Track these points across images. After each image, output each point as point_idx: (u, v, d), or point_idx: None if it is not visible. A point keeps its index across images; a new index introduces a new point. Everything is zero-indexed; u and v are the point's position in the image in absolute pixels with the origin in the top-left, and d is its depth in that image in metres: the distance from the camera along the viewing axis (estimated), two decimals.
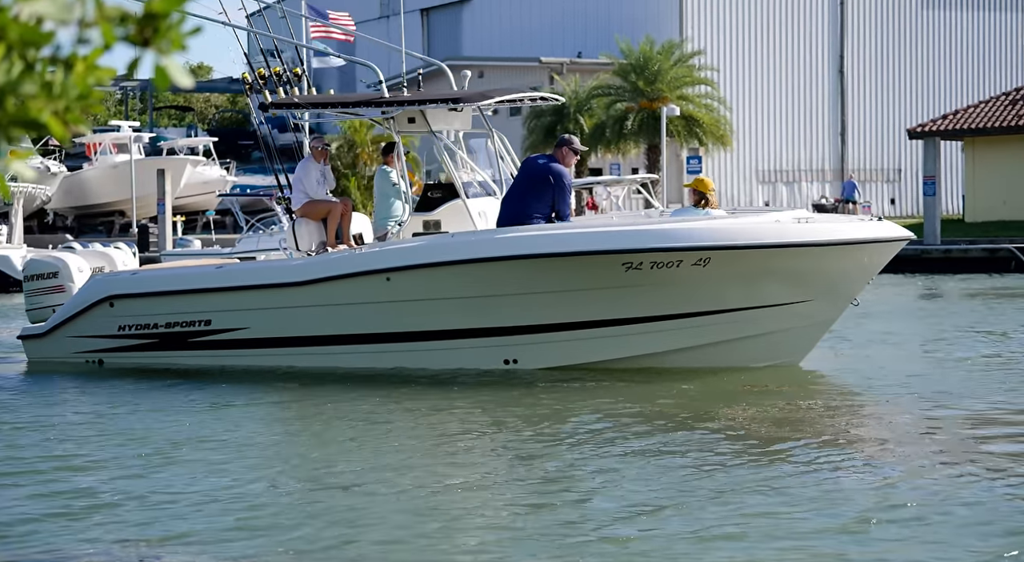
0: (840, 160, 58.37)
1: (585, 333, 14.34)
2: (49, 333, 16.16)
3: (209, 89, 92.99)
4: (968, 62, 60.70)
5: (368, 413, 12.26)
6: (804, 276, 14.17)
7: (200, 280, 15.57)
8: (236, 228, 49.50)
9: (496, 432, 11.17)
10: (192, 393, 13.64)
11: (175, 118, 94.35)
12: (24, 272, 16.98)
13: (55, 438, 11.26)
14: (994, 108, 42.76)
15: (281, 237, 38.58)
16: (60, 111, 2.35)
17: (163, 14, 2.16)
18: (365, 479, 9.25)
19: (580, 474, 9.38)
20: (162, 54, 2.23)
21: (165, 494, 8.89)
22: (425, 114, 15.30)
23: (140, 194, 52.30)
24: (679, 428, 11.10)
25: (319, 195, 15.77)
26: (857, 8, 58.50)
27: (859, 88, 58.71)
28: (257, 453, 10.46)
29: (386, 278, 14.48)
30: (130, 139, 55.50)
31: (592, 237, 13.93)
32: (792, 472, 9.23)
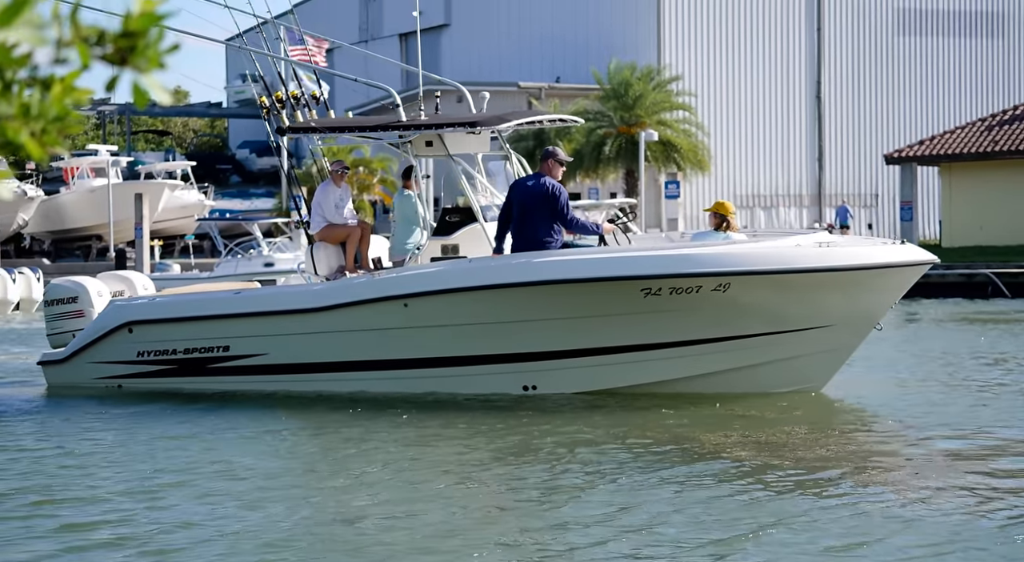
0: (817, 185, 58.61)
1: (604, 359, 14.21)
2: (69, 359, 16.11)
3: (187, 113, 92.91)
4: (944, 88, 61.09)
5: (386, 440, 12.17)
6: (826, 301, 13.99)
7: (218, 306, 15.52)
8: (214, 252, 49.37)
9: (516, 460, 11.03)
10: (210, 420, 13.50)
11: (153, 142, 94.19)
12: (44, 296, 16.97)
13: (73, 466, 11.14)
14: (970, 134, 43.00)
15: (261, 260, 38.54)
16: (37, 132, 2.33)
17: (141, 32, 2.14)
18: (383, 509, 9.16)
19: (600, 503, 9.22)
20: (140, 72, 2.20)
21: (183, 524, 8.74)
22: (443, 138, 15.19)
23: (118, 218, 52.14)
24: (700, 456, 10.96)
25: (337, 219, 15.69)
26: (834, 34, 58.85)
27: (836, 114, 59.00)
28: (274, 482, 10.32)
29: (404, 304, 14.40)
30: (108, 163, 55.37)
31: (611, 263, 13.81)
32: (817, 504, 9.07)
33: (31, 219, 55.62)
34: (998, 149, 41.80)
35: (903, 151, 44.01)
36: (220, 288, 17.21)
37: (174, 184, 56.54)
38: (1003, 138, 41.98)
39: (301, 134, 16.06)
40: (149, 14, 2.14)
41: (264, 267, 36.87)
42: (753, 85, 57.38)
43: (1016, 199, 41.36)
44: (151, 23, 2.15)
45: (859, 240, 15.27)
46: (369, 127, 15.94)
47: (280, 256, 39.17)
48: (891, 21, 59.97)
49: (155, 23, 2.14)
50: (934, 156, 42.99)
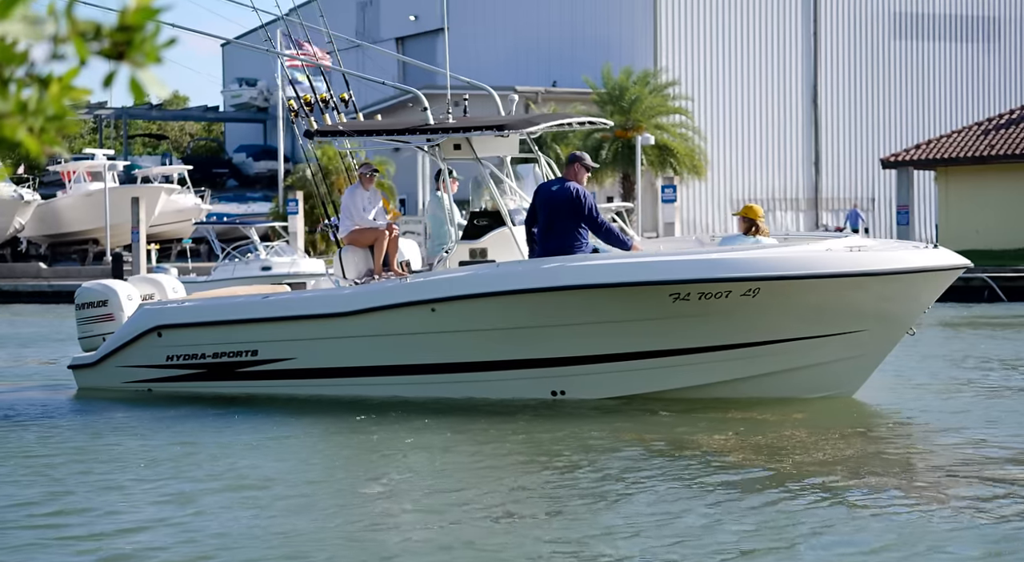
0: (814, 189, 58.65)
1: (633, 364, 14.08)
2: (99, 363, 16.11)
3: (184, 117, 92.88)
4: (940, 92, 61.15)
5: (412, 445, 12.10)
6: (857, 306, 13.78)
7: (246, 310, 15.44)
8: (211, 256, 49.35)
9: (543, 467, 10.92)
10: (237, 426, 13.44)
11: (149, 146, 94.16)
12: (76, 300, 16.98)
13: (98, 471, 11.08)
14: (966, 138, 43.04)
15: (258, 264, 38.51)
16: (36, 129, 2.33)
17: (137, 26, 2.14)
18: (412, 517, 9.11)
19: (634, 512, 9.11)
20: (137, 67, 2.20)
21: (215, 535, 8.65)
22: (471, 141, 15.08)
23: (114, 222, 52.11)
24: (730, 462, 10.83)
25: (366, 222, 15.61)
26: (830, 39, 58.90)
27: (833, 118, 59.05)
28: (303, 488, 10.24)
29: (431, 309, 14.31)
30: (104, 167, 55.31)
31: (639, 267, 13.67)
32: (849, 513, 8.94)
33: (28, 223, 55.59)
34: (994, 153, 41.84)
35: (899, 155, 44.05)
36: (249, 291, 17.07)
37: (171, 188, 56.51)
38: (999, 142, 42.02)
39: (328, 137, 15.94)
40: (145, 8, 2.14)
41: (262, 271, 36.86)
42: (750, 89, 57.41)
43: (1012, 203, 41.40)
44: (147, 18, 2.15)
45: (892, 244, 14.94)
46: (397, 130, 15.73)
47: (277, 260, 39.16)
48: (887, 25, 60.03)
49: (151, 17, 2.14)
50: (930, 160, 43.02)
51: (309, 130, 15.99)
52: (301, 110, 16.17)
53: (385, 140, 16.00)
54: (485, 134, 15.10)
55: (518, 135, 15.49)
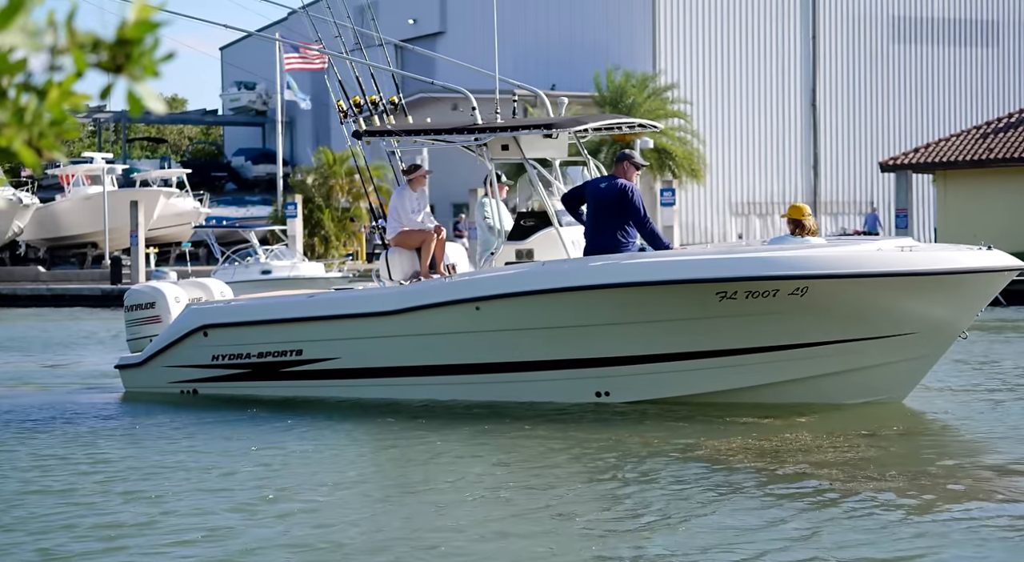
0: (813, 193, 58.65)
1: (679, 365, 13.84)
2: (145, 363, 16.12)
3: (183, 121, 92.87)
4: (939, 96, 61.18)
5: (455, 445, 12.02)
6: (909, 307, 13.44)
7: (291, 309, 15.39)
8: (210, 259, 49.34)
9: (589, 470, 10.81)
10: (284, 428, 13.36)
11: (148, 150, 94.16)
12: (124, 302, 17.06)
13: (144, 474, 11.03)
14: (965, 141, 43.04)
15: (258, 267, 38.49)
16: (33, 138, 2.32)
17: (136, 40, 2.14)
18: (452, 521, 9.05)
19: (673, 518, 9.02)
20: (135, 81, 2.20)
21: (256, 541, 8.57)
22: (518, 141, 14.95)
23: (113, 226, 52.10)
24: (775, 468, 10.68)
25: (413, 224, 15.51)
26: (829, 42, 58.92)
27: (831, 121, 59.06)
28: (347, 493, 10.17)
29: (476, 308, 14.15)
30: (103, 171, 55.30)
31: (686, 265, 13.47)
32: (895, 518, 8.82)
33: (26, 226, 55.55)
34: (993, 157, 41.84)
35: (898, 159, 44.04)
36: (295, 292, 17.01)
37: (169, 192, 56.50)
38: (998, 146, 42.03)
39: (377, 138, 15.80)
40: (144, 22, 2.14)
41: (261, 274, 36.88)
42: (748, 93, 57.43)
43: (1011, 207, 41.40)
44: (146, 31, 2.15)
45: (944, 245, 14.49)
46: (445, 130, 15.60)
47: (277, 263, 39.18)
48: (886, 29, 60.05)
49: (150, 31, 2.14)
50: (929, 164, 43.01)
51: (358, 131, 15.89)
52: (350, 111, 16.05)
53: (432, 140, 15.77)
54: (533, 134, 14.98)
55: (566, 135, 15.37)
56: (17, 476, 11.03)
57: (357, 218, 53.48)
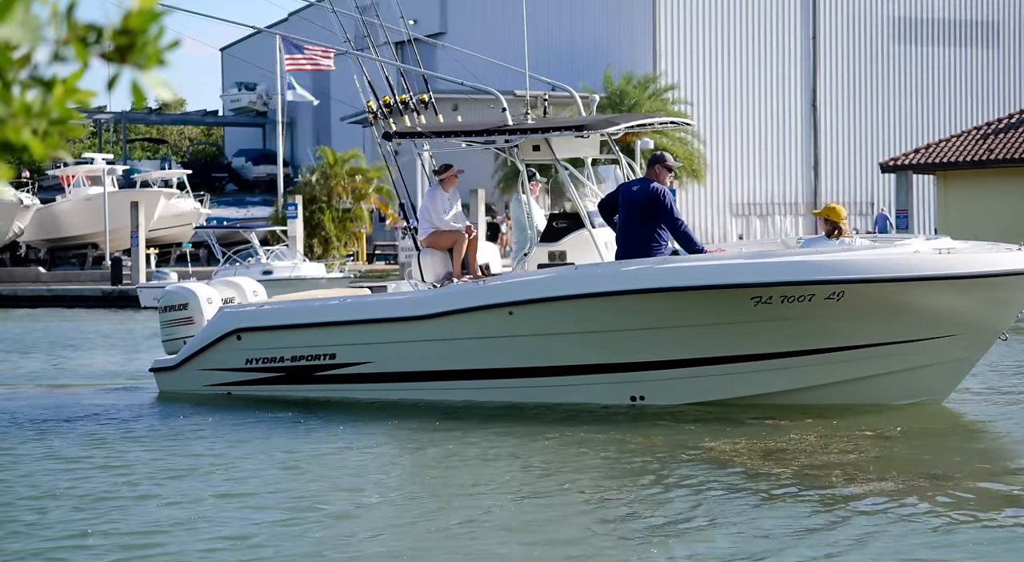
0: (813, 193, 58.62)
1: (714, 369, 13.75)
2: (179, 366, 16.09)
3: (183, 121, 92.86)
4: (940, 97, 61.16)
5: (489, 450, 11.95)
6: (947, 310, 13.31)
7: (324, 313, 15.34)
8: (211, 260, 49.33)
9: (623, 475, 10.74)
10: (315, 431, 13.31)
11: (149, 150, 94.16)
12: (159, 303, 17.05)
13: (173, 477, 11.00)
14: (966, 142, 43.01)
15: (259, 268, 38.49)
16: (40, 131, 2.31)
17: (139, 29, 2.13)
18: (486, 523, 9.05)
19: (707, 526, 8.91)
20: (140, 70, 2.19)
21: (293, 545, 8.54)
22: (550, 142, 14.83)
23: (113, 226, 52.09)
24: (812, 472, 10.57)
25: (445, 225, 15.39)
26: (829, 43, 58.90)
27: (832, 122, 59.04)
28: (381, 495, 10.17)
29: (509, 312, 14.08)
30: (103, 171, 55.29)
31: (720, 270, 13.39)
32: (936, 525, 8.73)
33: (27, 227, 55.54)
34: (994, 157, 41.82)
35: (899, 159, 44.02)
36: (328, 294, 16.95)
37: (170, 192, 56.51)
38: (999, 146, 42.01)
39: (407, 139, 15.70)
40: (148, 12, 2.13)
41: (263, 275, 36.87)
42: (749, 93, 57.42)
43: (1012, 207, 41.38)
44: (150, 20, 2.14)
45: (982, 246, 14.39)
46: (475, 131, 15.51)
47: (278, 264, 39.18)
48: (886, 30, 60.04)
49: (154, 20, 2.13)
50: (930, 164, 42.99)
51: (388, 132, 15.76)
52: (380, 112, 15.94)
53: (463, 141, 15.62)
54: (564, 134, 14.86)
55: (598, 136, 15.26)
56: (53, 478, 11.01)
57: (357, 219, 53.45)
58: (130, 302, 42.11)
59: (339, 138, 67.86)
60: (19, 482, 10.84)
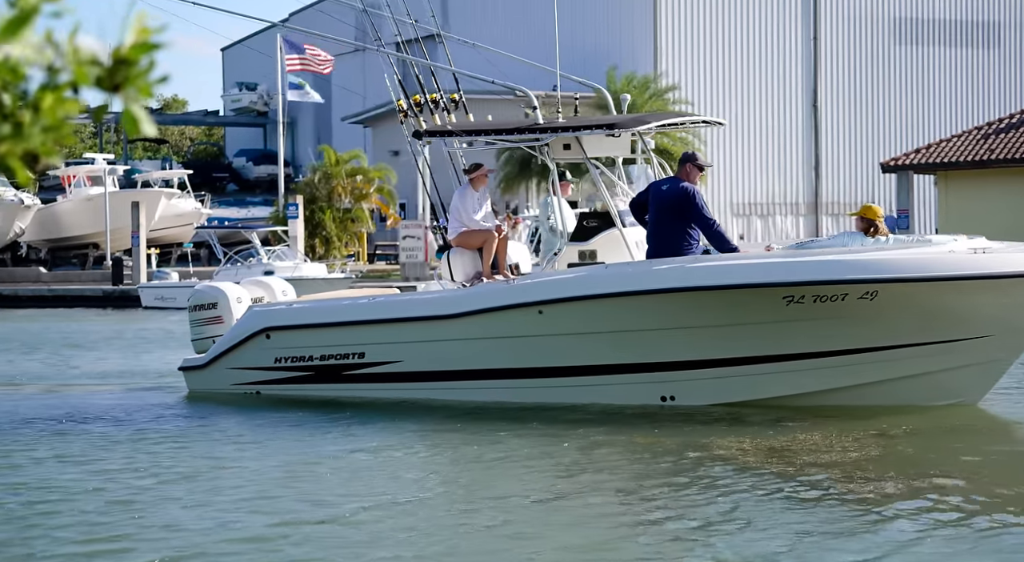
0: (814, 194, 58.63)
1: (745, 369, 13.60)
2: (209, 364, 16.07)
3: (184, 122, 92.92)
4: (940, 97, 61.15)
5: (518, 450, 11.86)
6: (982, 310, 13.13)
7: (353, 312, 15.28)
8: (212, 260, 49.36)
9: (649, 476, 10.63)
10: (347, 430, 13.26)
11: (150, 150, 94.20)
12: (188, 302, 17.06)
13: (202, 477, 10.94)
14: (967, 142, 43.01)
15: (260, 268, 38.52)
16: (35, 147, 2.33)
17: (133, 60, 2.14)
18: (515, 524, 9.01)
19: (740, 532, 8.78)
20: (130, 101, 2.21)
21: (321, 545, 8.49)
22: (580, 140, 14.73)
23: (114, 226, 52.12)
24: (843, 474, 10.45)
25: (475, 224, 15.27)
26: (830, 43, 58.90)
27: (833, 122, 59.04)
28: (402, 496, 10.09)
29: (538, 311, 13.95)
30: (104, 171, 55.33)
31: (752, 269, 13.22)
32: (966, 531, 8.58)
33: (27, 227, 55.60)
34: (994, 157, 41.82)
35: (899, 159, 44.02)
36: (358, 294, 16.83)
37: (171, 192, 56.54)
38: (999, 146, 42.01)
39: (438, 137, 15.56)
40: (143, 44, 2.14)
41: (264, 275, 36.90)
42: (750, 94, 57.42)
43: (1012, 207, 41.38)
44: (144, 53, 2.15)
45: (1017, 246, 14.12)
46: (506, 130, 15.44)
47: (280, 264, 39.22)
48: (887, 30, 60.04)
49: (147, 53, 2.14)
50: (930, 164, 43.00)
51: (418, 130, 15.64)
52: (411, 110, 15.83)
53: (493, 140, 15.50)
54: (595, 133, 14.77)
55: (629, 135, 15.15)
56: (84, 475, 11.01)
57: (358, 219, 53.49)
58: (131, 302, 42.15)
59: (340, 138, 67.88)
60: (54, 481, 10.82)
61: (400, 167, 55.83)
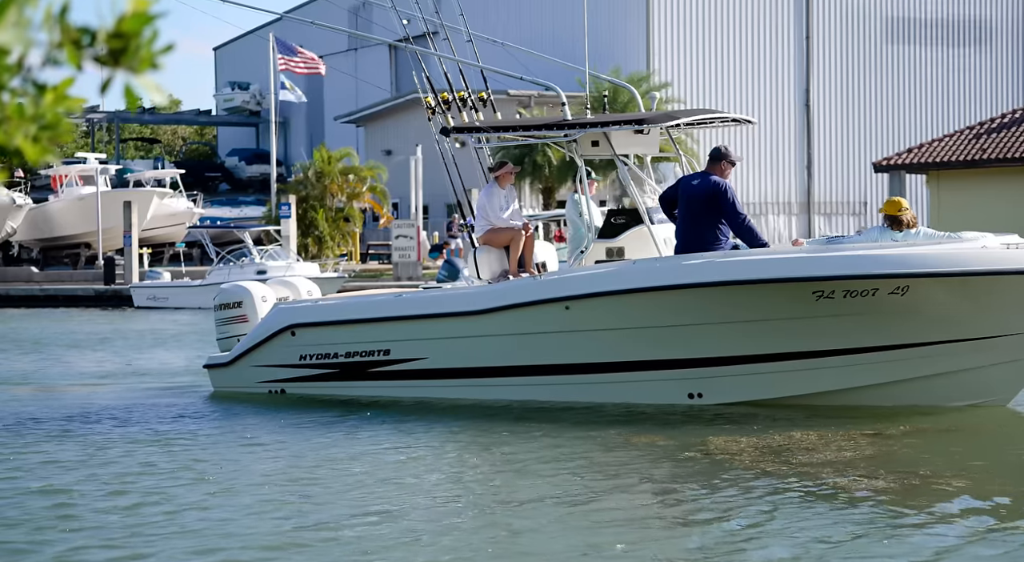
0: (806, 193, 58.69)
1: (774, 366, 13.44)
2: (233, 362, 15.99)
3: (176, 121, 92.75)
4: (932, 96, 61.24)
5: (542, 449, 11.75)
6: (1015, 307, 12.91)
7: (379, 308, 15.17)
8: (204, 260, 49.28)
9: (675, 477, 10.50)
10: (372, 428, 13.19)
11: (142, 150, 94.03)
12: (214, 301, 17.03)
13: (226, 475, 10.89)
14: (958, 142, 43.07)
15: (253, 268, 38.44)
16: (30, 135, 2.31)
17: (134, 32, 2.13)
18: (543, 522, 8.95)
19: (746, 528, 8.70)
20: (133, 73, 2.19)
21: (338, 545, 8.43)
22: (609, 137, 14.58)
23: (106, 226, 52.01)
24: (870, 474, 10.28)
25: (502, 222, 15.24)
26: (823, 43, 58.96)
27: (825, 122, 59.10)
28: (420, 495, 10.05)
29: (565, 307, 13.82)
30: (96, 171, 55.21)
31: (781, 264, 13.05)
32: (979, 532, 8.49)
33: (19, 227, 55.46)
34: (986, 157, 41.88)
35: (891, 159, 44.07)
36: (384, 291, 16.74)
37: (163, 192, 56.42)
38: (991, 146, 42.07)
39: (465, 134, 15.42)
40: (141, 15, 2.13)
41: (257, 275, 36.85)
42: (742, 93, 57.47)
43: (1004, 206, 41.45)
44: (143, 23, 2.14)
45: None
46: (534, 126, 15.24)
47: (273, 263, 39.17)
48: (879, 30, 60.11)
49: (147, 23, 2.13)
50: (922, 164, 43.05)
51: (446, 127, 15.53)
52: (439, 107, 15.75)
53: (521, 136, 15.23)
54: (624, 129, 14.67)
55: (657, 131, 15.03)
56: (107, 474, 10.97)
57: (351, 218, 53.43)
58: (123, 302, 42.09)
59: (333, 137, 67.83)
60: (78, 478, 10.82)
61: (392, 166, 55.80)
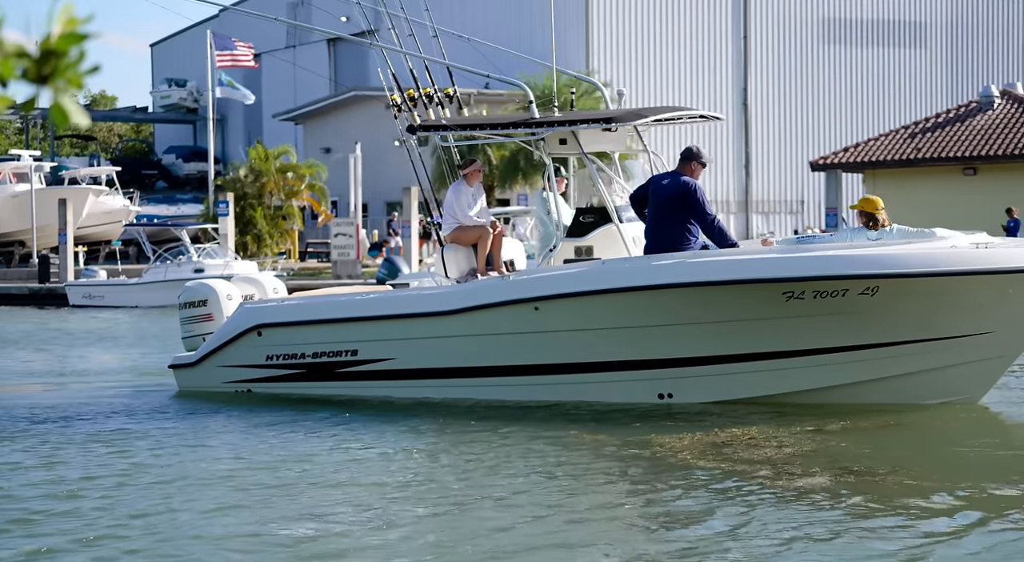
0: (744, 192, 59.10)
1: (744, 366, 13.43)
2: (199, 363, 15.79)
3: (112, 118, 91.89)
4: (868, 96, 61.85)
5: (511, 448, 11.67)
6: (984, 306, 12.96)
7: (346, 308, 15.03)
8: (140, 258, 48.85)
9: (644, 476, 10.44)
10: (339, 428, 13.04)
11: (77, 147, 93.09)
12: (178, 300, 16.80)
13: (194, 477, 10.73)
14: (894, 141, 43.52)
15: (191, 266, 38.10)
16: None
17: (61, 52, 2.11)
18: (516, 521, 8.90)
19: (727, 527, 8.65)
20: (59, 93, 2.17)
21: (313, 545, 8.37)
22: (576, 135, 14.50)
23: (41, 224, 51.45)
24: (842, 473, 10.29)
25: (469, 220, 15.11)
26: (760, 43, 59.39)
27: (762, 121, 59.54)
28: (393, 496, 9.93)
29: (535, 308, 13.76)
30: (31, 168, 54.58)
31: (751, 264, 13.02)
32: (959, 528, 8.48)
33: None
34: (920, 156, 42.36)
35: (828, 158, 44.46)
36: (351, 291, 16.55)
37: (99, 190, 55.86)
38: (925, 145, 42.55)
39: (431, 132, 15.24)
40: (71, 35, 2.11)
41: (194, 273, 36.56)
42: (680, 92, 57.76)
43: (938, 205, 41.95)
44: (72, 44, 2.11)
45: (1020, 241, 13.86)
46: (501, 124, 15.18)
47: (210, 262, 38.87)
48: (816, 31, 60.63)
49: (76, 43, 2.11)
50: (858, 163, 43.47)
51: (412, 125, 15.40)
52: (404, 105, 15.61)
53: (488, 134, 15.13)
54: (591, 127, 14.53)
55: (625, 129, 14.95)
56: (76, 476, 10.82)
57: (289, 216, 53.17)
58: (58, 300, 41.63)
59: (271, 135, 67.46)
60: (47, 480, 10.65)
61: (332, 164, 55.58)
